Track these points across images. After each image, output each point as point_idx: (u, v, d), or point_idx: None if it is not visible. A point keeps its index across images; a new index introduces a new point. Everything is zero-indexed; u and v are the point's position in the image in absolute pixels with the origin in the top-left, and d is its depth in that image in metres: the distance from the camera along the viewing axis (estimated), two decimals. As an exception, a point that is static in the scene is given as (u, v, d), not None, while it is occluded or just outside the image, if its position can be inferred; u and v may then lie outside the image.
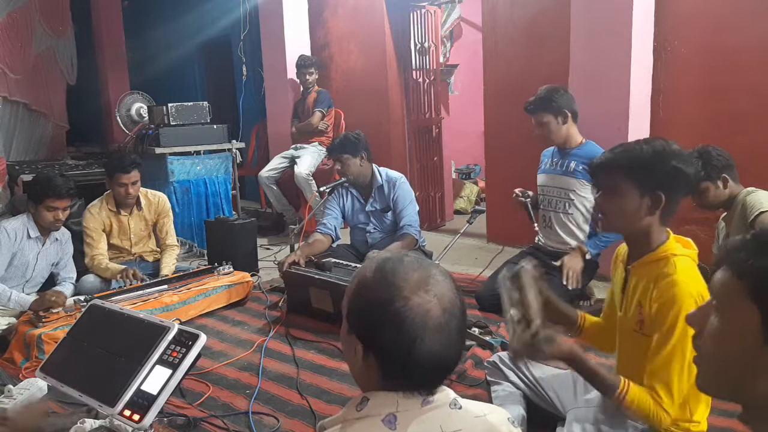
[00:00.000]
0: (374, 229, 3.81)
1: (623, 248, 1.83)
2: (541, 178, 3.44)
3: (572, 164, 3.26)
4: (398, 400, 0.99)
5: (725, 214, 2.87)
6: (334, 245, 3.87)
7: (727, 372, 0.85)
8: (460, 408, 1.03)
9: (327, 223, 3.78)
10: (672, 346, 1.57)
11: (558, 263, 3.13)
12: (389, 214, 3.75)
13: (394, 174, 3.79)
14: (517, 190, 3.42)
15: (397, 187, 3.71)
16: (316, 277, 3.25)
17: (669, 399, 1.57)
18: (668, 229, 1.71)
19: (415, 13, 5.75)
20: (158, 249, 4.02)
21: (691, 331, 1.53)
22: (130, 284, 3.47)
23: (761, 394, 0.81)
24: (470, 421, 1.03)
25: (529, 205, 3.37)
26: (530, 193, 3.40)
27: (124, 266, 3.66)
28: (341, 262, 3.47)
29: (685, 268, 1.62)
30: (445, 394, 1.04)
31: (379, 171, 3.77)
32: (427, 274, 1.02)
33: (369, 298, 1.02)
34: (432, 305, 0.98)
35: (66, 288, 3.50)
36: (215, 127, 5.16)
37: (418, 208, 3.81)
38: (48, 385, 2.39)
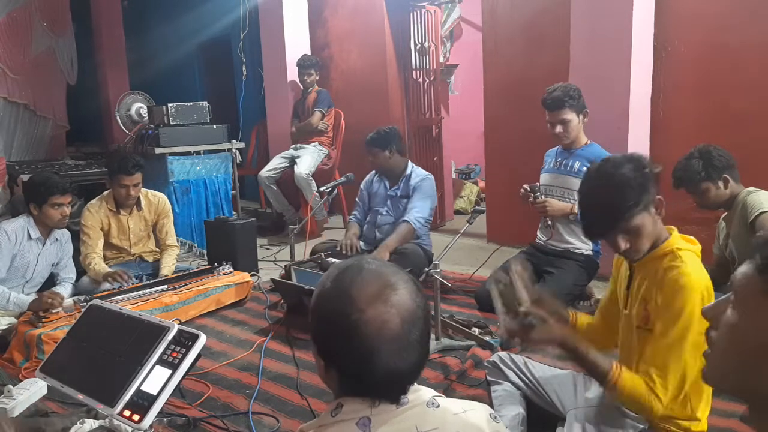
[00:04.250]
0: (387, 212, 3.93)
1: None
2: (544, 178, 3.44)
3: (576, 164, 3.25)
4: (370, 405, 0.99)
5: (726, 214, 2.86)
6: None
7: (738, 368, 0.84)
8: (438, 407, 1.02)
9: (357, 215, 4.08)
10: (674, 336, 1.58)
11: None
12: (405, 200, 3.87)
13: (425, 172, 3.96)
14: (525, 186, 3.38)
15: (422, 180, 3.86)
16: (306, 287, 3.24)
17: (663, 386, 1.58)
18: (671, 227, 1.73)
19: (415, 13, 5.74)
20: (158, 249, 4.02)
21: (694, 324, 1.55)
22: (119, 286, 3.44)
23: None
24: (447, 419, 1.02)
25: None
26: (538, 184, 3.37)
27: (109, 269, 3.63)
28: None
29: (691, 261, 1.64)
30: (422, 393, 1.03)
31: (412, 166, 3.95)
32: (385, 284, 0.98)
33: (326, 311, 1.00)
34: (389, 316, 0.95)
35: (65, 288, 3.51)
36: (215, 127, 5.15)
37: (433, 205, 3.90)
38: (48, 386, 2.39)
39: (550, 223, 3.30)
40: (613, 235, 1.67)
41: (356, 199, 4.16)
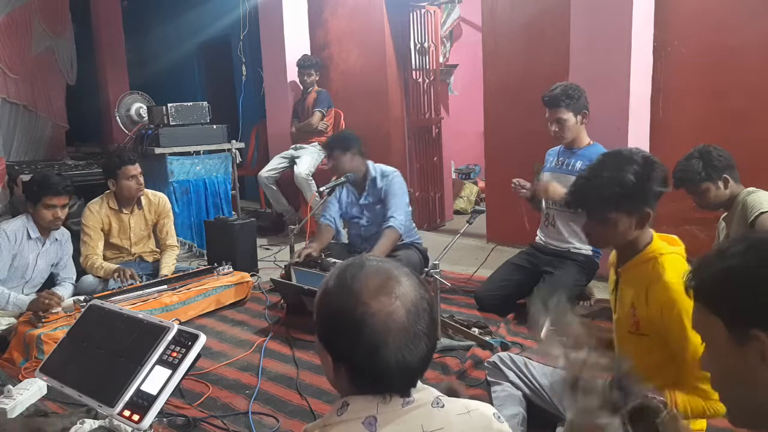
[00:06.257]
0: (368, 222, 3.85)
1: (614, 252, 1.85)
2: (546, 177, 3.44)
3: (578, 164, 3.24)
4: (378, 403, 0.99)
5: (725, 214, 2.86)
6: (340, 239, 3.94)
7: (737, 395, 0.84)
8: (443, 406, 1.03)
9: (327, 215, 3.87)
10: (693, 348, 1.57)
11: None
12: (379, 206, 3.78)
13: (388, 168, 3.84)
14: (515, 180, 3.39)
15: (390, 179, 3.75)
16: (305, 287, 3.24)
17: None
18: (651, 229, 1.73)
19: (414, 13, 5.74)
20: (158, 249, 4.02)
21: None
22: (128, 284, 3.47)
23: (763, 401, 0.80)
24: (452, 419, 1.02)
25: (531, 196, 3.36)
26: (528, 184, 3.37)
27: (117, 266, 3.65)
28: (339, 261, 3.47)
29: (673, 266, 1.63)
30: (428, 392, 1.04)
31: (373, 166, 3.82)
32: (388, 277, 1.00)
33: (331, 308, 1.01)
34: (394, 308, 0.96)
35: (65, 288, 3.50)
36: (215, 127, 5.15)
37: (407, 200, 3.81)
38: (48, 386, 2.39)
39: (547, 212, 3.31)
40: (584, 213, 1.76)
41: (329, 199, 3.93)
